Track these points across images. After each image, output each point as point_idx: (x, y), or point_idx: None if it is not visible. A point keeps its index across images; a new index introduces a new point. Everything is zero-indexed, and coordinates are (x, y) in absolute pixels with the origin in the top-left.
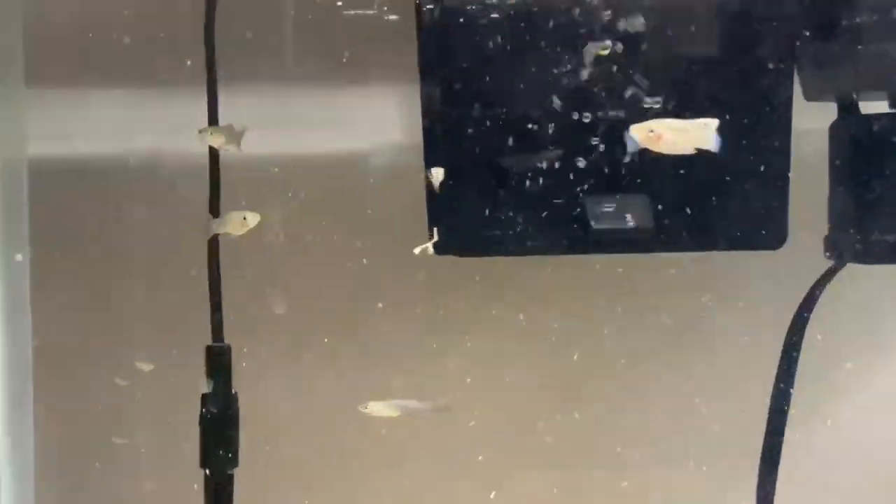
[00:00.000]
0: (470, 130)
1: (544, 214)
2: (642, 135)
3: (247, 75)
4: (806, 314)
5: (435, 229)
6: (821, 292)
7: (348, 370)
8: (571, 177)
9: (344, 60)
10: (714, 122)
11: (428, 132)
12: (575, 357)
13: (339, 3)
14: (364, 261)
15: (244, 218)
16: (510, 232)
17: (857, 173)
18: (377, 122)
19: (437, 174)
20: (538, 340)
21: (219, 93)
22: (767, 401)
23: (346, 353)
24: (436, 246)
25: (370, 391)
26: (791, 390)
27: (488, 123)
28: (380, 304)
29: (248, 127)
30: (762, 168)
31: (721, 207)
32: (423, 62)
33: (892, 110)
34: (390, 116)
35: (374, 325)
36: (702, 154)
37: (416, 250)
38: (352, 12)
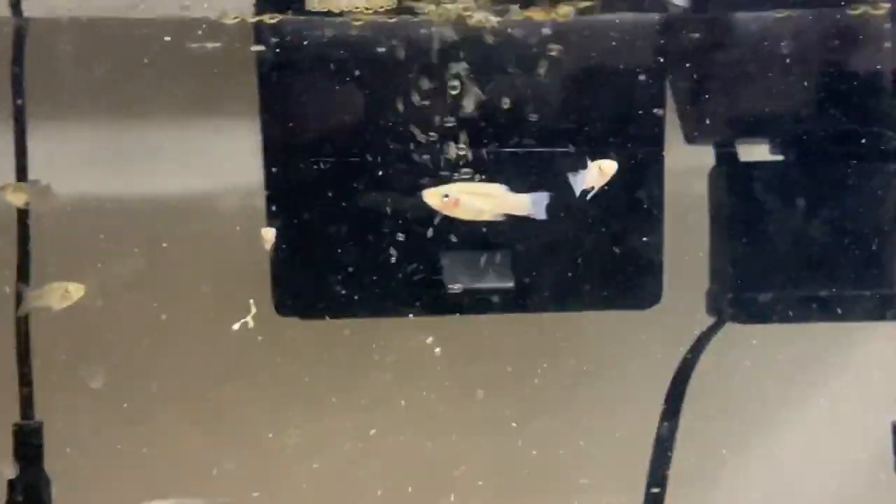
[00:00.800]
0: (313, 181)
1: (394, 273)
2: (436, 200)
3: (74, 113)
4: (682, 381)
5: (275, 289)
6: (699, 355)
7: (175, 450)
8: (424, 233)
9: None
10: (542, 196)
11: (269, 182)
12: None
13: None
14: (204, 323)
15: (66, 290)
16: (357, 293)
17: (732, 226)
18: (227, 161)
19: (268, 235)
20: (397, 416)
21: (51, 131)
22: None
23: (175, 430)
24: (278, 307)
25: (193, 479)
26: (668, 467)
27: (332, 174)
28: (218, 373)
29: (63, 176)
30: (632, 223)
31: (587, 265)
32: (263, 107)
33: (773, 157)
34: (242, 154)
35: (209, 397)
36: (567, 209)
37: (235, 326)
38: (196, 45)
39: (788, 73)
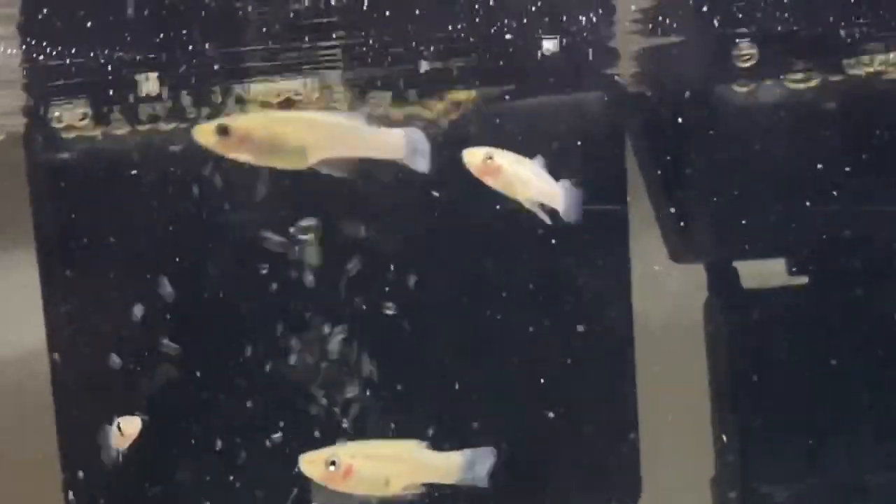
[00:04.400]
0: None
1: None
2: (317, 471)
3: None
4: None
5: None
6: None
7: None
8: None
9: None
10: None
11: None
12: None
13: None
14: None
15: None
16: None
17: (741, 388)
18: None
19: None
20: None
21: None
22: None
23: None
24: None
25: None
26: None
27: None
28: None
29: None
30: (606, 416)
31: (562, 461)
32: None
33: (790, 280)
34: None
35: None
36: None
37: None
38: None
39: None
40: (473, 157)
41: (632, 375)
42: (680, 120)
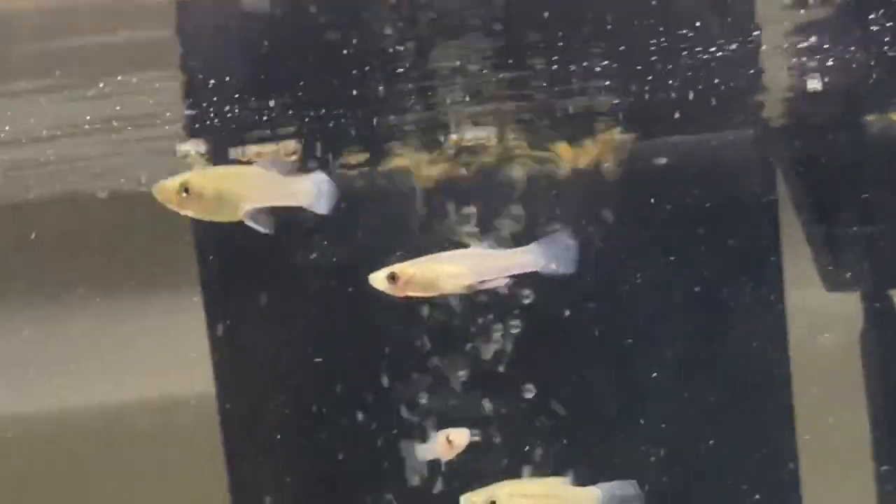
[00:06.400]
0: None
1: None
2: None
3: None
4: None
5: None
6: None
7: None
8: None
9: None
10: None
11: None
12: None
13: None
14: None
15: (448, 438)
16: None
17: None
18: None
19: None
20: None
21: None
22: None
23: None
24: None
25: None
26: None
27: None
28: None
29: None
30: (765, 447)
31: (720, 493)
32: None
33: None
34: None
35: None
36: None
37: None
38: None
39: None
40: (377, 281)
41: (790, 405)
42: (830, 153)
